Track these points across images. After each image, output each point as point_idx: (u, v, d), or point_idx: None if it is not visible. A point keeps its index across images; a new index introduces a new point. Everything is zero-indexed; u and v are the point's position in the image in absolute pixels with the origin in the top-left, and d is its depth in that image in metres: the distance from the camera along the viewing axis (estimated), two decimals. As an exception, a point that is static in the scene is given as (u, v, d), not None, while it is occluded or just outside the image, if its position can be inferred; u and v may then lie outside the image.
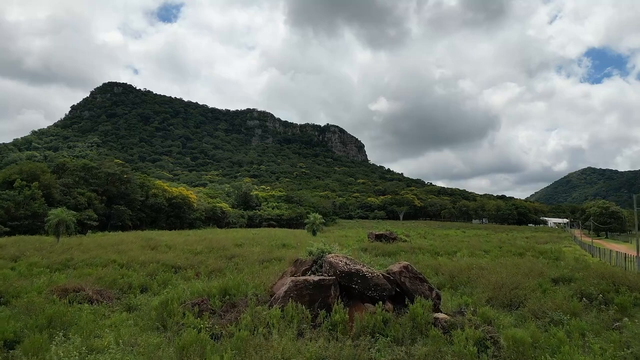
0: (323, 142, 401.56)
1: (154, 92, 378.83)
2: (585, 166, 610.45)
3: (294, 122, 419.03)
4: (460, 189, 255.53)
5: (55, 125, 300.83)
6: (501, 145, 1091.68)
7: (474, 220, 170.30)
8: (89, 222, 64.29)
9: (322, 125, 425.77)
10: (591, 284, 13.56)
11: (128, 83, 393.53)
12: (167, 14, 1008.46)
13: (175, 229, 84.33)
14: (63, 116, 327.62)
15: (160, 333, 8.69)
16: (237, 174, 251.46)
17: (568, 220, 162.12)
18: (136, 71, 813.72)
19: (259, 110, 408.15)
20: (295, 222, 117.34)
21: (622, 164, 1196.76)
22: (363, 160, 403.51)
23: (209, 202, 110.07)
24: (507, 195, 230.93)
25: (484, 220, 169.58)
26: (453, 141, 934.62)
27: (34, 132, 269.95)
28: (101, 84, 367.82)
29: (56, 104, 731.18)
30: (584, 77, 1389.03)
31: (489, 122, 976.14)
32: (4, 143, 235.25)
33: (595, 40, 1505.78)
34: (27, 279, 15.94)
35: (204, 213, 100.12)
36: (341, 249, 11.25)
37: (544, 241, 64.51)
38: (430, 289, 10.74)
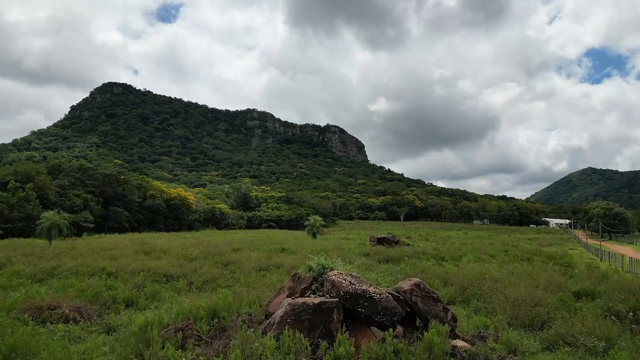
0: (323, 143, 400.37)
1: (154, 93, 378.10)
2: (585, 166, 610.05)
3: (294, 123, 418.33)
4: (461, 189, 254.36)
5: (55, 125, 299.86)
6: (501, 146, 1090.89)
7: (475, 221, 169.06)
8: (84, 224, 63.11)
9: (322, 125, 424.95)
10: (618, 300, 12.37)
11: (128, 83, 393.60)
12: (167, 15, 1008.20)
13: (173, 231, 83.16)
14: (63, 116, 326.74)
15: (137, 366, 7.51)
16: (237, 175, 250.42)
17: (570, 221, 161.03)
18: (136, 71, 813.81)
19: (259, 110, 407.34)
20: (295, 223, 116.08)
21: (622, 164, 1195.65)
22: (363, 160, 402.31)
23: (207, 203, 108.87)
24: (507, 196, 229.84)
25: (485, 221, 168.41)
26: (453, 141, 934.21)
27: (33, 133, 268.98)
28: (101, 84, 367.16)
29: (56, 104, 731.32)
30: (584, 78, 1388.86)
31: (488, 122, 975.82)
32: (3, 143, 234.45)
33: (595, 40, 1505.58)
34: (4, 291, 14.75)
35: (202, 214, 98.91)
36: (344, 264, 10.04)
37: (547, 243, 63.32)
38: (445, 310, 9.54)
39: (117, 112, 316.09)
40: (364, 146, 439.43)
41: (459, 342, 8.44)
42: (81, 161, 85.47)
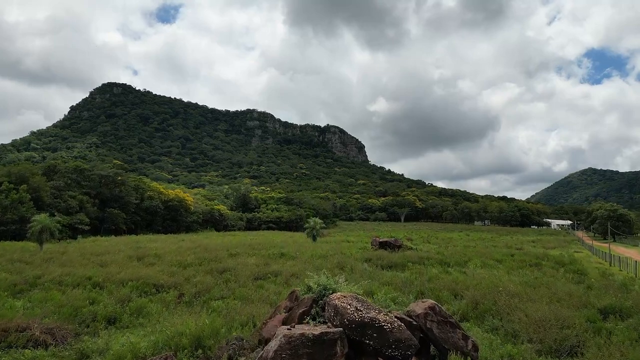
0: (323, 143, 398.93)
1: (154, 93, 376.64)
2: (585, 167, 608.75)
3: (294, 123, 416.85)
4: (461, 190, 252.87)
5: (54, 125, 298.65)
6: (501, 146, 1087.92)
7: (476, 222, 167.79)
8: (80, 227, 61.85)
9: (322, 125, 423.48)
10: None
11: (127, 83, 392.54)
12: (166, 15, 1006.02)
13: (171, 233, 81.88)
14: (62, 117, 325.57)
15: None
16: (237, 175, 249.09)
17: (571, 222, 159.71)
18: (135, 72, 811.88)
19: (259, 110, 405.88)
20: (295, 225, 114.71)
21: (622, 165, 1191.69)
22: (363, 160, 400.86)
23: (206, 205, 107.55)
24: (508, 197, 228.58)
25: (486, 222, 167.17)
26: (453, 141, 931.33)
27: (32, 133, 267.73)
28: (100, 85, 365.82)
29: (56, 104, 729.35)
30: (584, 78, 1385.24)
31: (488, 122, 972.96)
32: (2, 144, 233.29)
33: (594, 41, 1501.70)
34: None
35: (201, 216, 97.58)
36: (348, 283, 8.81)
37: (551, 246, 62.12)
38: (465, 337, 8.32)
39: (117, 112, 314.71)
40: (364, 146, 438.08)
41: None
42: (77, 162, 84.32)
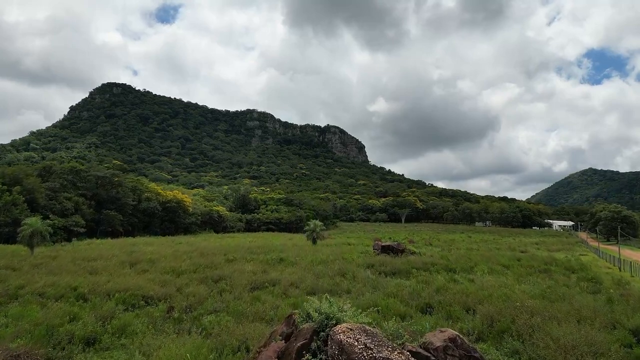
0: (323, 143, 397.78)
1: (153, 93, 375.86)
2: (585, 167, 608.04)
3: (294, 123, 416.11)
4: (462, 190, 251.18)
5: (54, 126, 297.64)
6: (501, 146, 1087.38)
7: (477, 223, 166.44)
8: (75, 229, 60.60)
9: (322, 126, 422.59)
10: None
11: (127, 84, 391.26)
12: (166, 15, 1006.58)
13: (169, 235, 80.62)
14: (62, 117, 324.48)
15: None
16: (237, 175, 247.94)
17: (573, 223, 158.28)
18: (135, 72, 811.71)
19: (258, 111, 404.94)
20: (295, 226, 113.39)
21: (622, 165, 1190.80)
22: (363, 161, 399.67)
23: (205, 206, 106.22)
24: (508, 197, 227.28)
25: (487, 223, 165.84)
26: (453, 142, 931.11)
27: (32, 133, 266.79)
28: (100, 85, 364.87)
29: (56, 104, 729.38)
30: (584, 78, 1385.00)
31: (488, 122, 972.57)
32: (2, 144, 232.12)
33: (594, 41, 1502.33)
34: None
35: (200, 217, 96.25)
36: (354, 311, 7.58)
37: (556, 248, 60.88)
38: (491, 375, 7.12)
39: (117, 112, 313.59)
40: (364, 147, 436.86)
41: None
42: (72, 163, 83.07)
